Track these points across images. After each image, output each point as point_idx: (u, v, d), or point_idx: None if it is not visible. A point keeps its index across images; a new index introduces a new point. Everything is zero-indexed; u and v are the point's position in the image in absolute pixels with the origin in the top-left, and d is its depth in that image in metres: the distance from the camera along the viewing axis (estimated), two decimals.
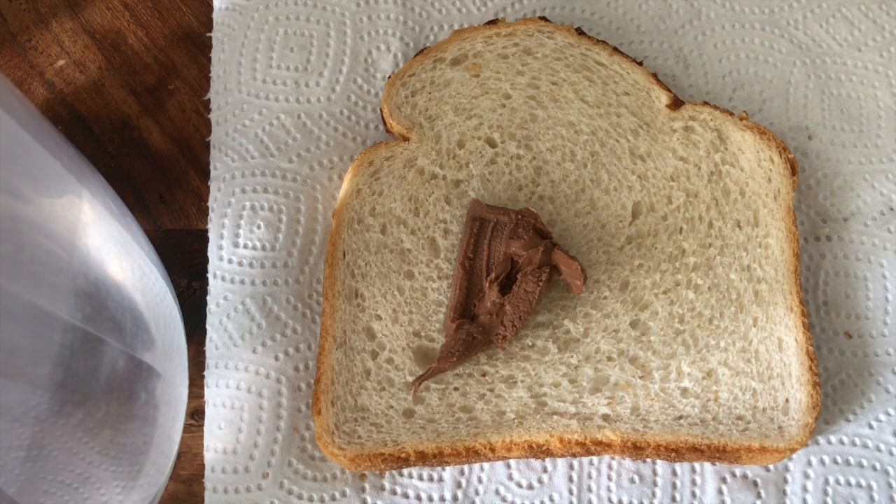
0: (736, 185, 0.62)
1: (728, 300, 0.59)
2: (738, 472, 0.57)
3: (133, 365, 0.48)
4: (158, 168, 0.66)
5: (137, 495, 0.51)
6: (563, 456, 0.56)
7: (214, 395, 0.58)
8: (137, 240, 0.54)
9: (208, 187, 0.63)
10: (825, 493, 0.56)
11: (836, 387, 0.59)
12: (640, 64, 0.65)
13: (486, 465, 0.57)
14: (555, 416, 0.56)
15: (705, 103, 0.64)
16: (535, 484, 0.57)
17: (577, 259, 0.58)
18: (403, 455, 0.55)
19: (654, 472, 0.57)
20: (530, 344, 0.59)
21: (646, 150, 0.63)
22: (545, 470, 0.57)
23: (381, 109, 0.65)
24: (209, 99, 0.66)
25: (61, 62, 0.68)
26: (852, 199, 0.63)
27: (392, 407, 0.57)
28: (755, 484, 0.57)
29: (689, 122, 0.63)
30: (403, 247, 0.61)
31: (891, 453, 0.57)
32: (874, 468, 0.57)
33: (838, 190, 0.64)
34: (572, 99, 0.64)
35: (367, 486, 0.57)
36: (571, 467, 0.57)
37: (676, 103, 0.64)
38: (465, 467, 0.57)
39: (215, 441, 0.57)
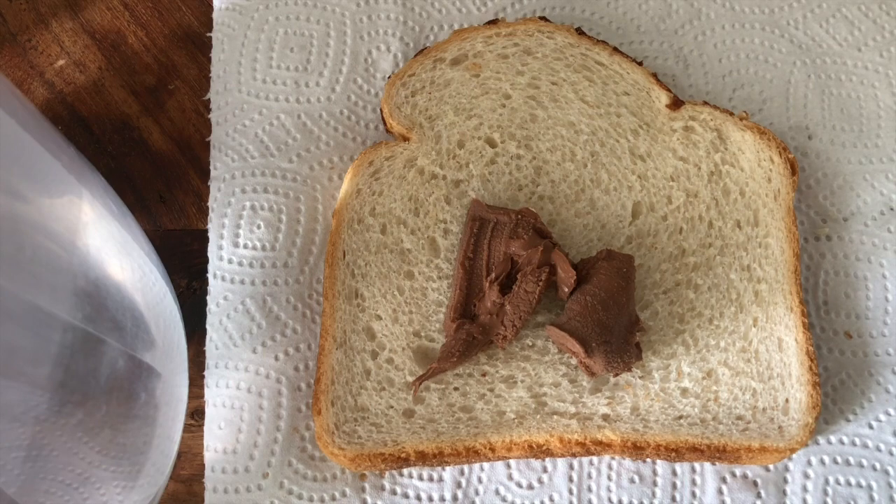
0: (736, 185, 0.62)
1: (728, 300, 0.59)
2: (738, 472, 0.57)
3: (133, 365, 0.48)
4: (158, 168, 0.66)
5: (137, 495, 0.51)
6: (563, 456, 0.56)
7: (214, 395, 0.58)
8: (137, 240, 0.54)
9: (208, 187, 0.63)
10: (825, 493, 0.56)
11: (836, 387, 0.59)
12: (640, 64, 0.65)
13: (486, 465, 0.57)
14: (555, 416, 0.56)
15: (705, 103, 0.64)
16: (535, 484, 0.57)
17: (578, 269, 0.58)
18: (403, 455, 0.55)
19: (654, 472, 0.57)
20: (530, 344, 0.59)
21: (646, 150, 0.63)
22: (545, 470, 0.57)
23: (381, 109, 0.65)
24: (209, 99, 0.66)
25: (61, 62, 0.68)
26: (852, 199, 0.63)
27: (392, 407, 0.57)
28: (755, 484, 0.57)
29: (689, 122, 0.63)
30: (403, 247, 0.61)
31: (891, 453, 0.57)
32: (874, 468, 0.57)
33: (838, 190, 0.64)
34: (572, 99, 0.64)
35: (367, 486, 0.57)
36: (571, 467, 0.57)
37: (676, 103, 0.64)
38: (465, 467, 0.57)
39: (215, 441, 0.57)
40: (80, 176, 0.49)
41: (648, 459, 0.57)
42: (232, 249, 0.61)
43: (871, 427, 0.58)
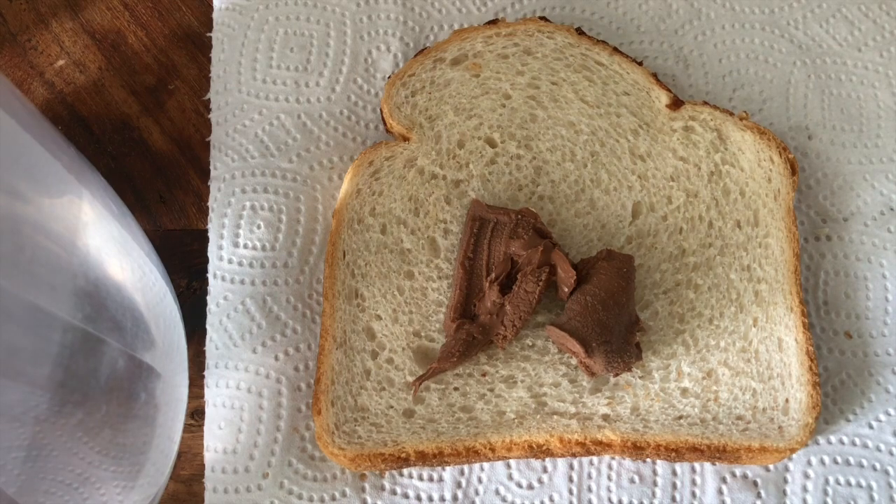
0: (736, 185, 0.62)
1: (728, 300, 0.59)
2: (738, 472, 0.57)
3: (133, 365, 0.48)
4: (158, 168, 0.66)
5: (137, 495, 0.51)
6: (563, 456, 0.56)
7: (214, 395, 0.58)
8: (137, 240, 0.54)
9: (208, 187, 0.63)
10: (825, 493, 0.56)
11: (836, 387, 0.59)
12: (640, 64, 0.65)
13: (486, 465, 0.57)
14: (555, 416, 0.56)
15: (705, 103, 0.64)
16: (535, 484, 0.57)
17: (578, 269, 0.58)
18: (403, 455, 0.55)
19: (654, 472, 0.57)
20: (530, 344, 0.59)
21: (646, 150, 0.63)
22: (545, 470, 0.57)
23: (381, 109, 0.65)
24: (209, 99, 0.66)
25: (61, 62, 0.68)
26: (852, 199, 0.63)
27: (392, 407, 0.57)
28: (755, 484, 0.57)
29: (689, 122, 0.63)
30: (403, 247, 0.61)
31: (891, 453, 0.57)
32: (874, 468, 0.57)
33: (838, 190, 0.64)
34: (572, 99, 0.64)
35: (367, 486, 0.57)
36: (571, 467, 0.57)
37: (676, 103, 0.64)
38: (465, 467, 0.57)
39: (215, 441, 0.57)
40: (80, 176, 0.49)
41: (648, 459, 0.57)
42: (232, 249, 0.61)
43: (871, 427, 0.58)
